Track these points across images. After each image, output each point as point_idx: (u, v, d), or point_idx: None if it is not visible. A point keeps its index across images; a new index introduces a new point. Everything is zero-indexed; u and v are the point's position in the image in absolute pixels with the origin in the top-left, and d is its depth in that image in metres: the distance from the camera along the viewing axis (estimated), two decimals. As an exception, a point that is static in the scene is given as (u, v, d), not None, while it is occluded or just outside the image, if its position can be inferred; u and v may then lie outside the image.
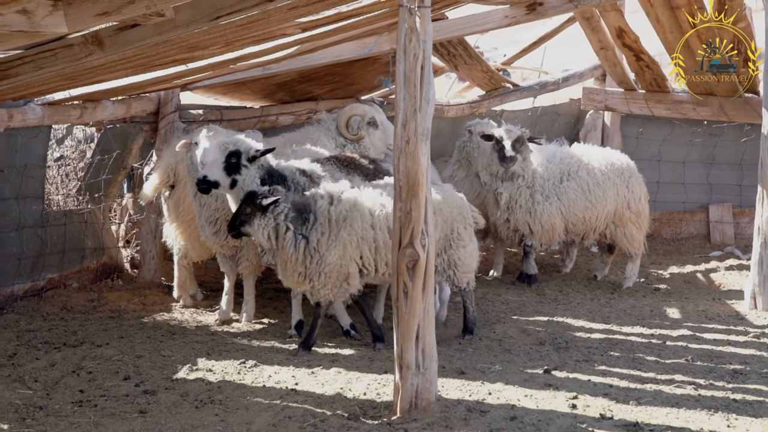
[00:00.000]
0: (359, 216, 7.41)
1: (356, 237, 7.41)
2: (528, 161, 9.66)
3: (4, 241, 8.40)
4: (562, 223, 9.83)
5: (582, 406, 6.15)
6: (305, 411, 6.14)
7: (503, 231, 9.95)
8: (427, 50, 5.80)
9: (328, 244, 7.37)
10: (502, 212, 9.78)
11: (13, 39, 5.37)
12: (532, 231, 9.77)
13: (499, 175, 9.70)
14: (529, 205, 9.71)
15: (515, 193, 9.69)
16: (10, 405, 6.18)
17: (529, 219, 9.74)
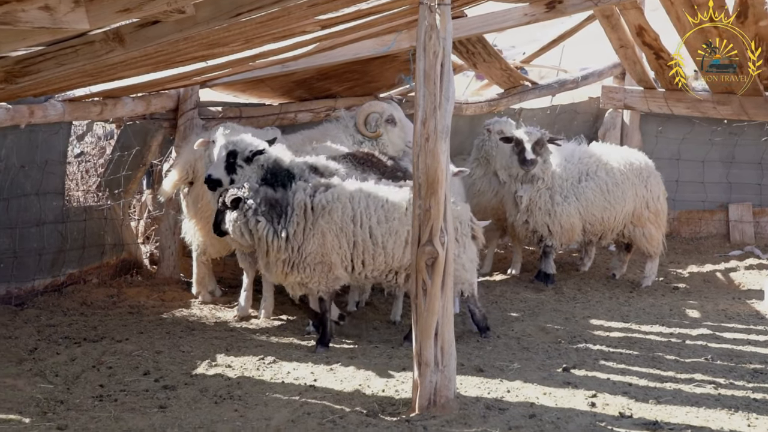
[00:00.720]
0: (340, 207, 7.45)
1: (335, 227, 7.43)
2: (548, 163, 9.56)
3: (25, 237, 8.45)
4: (580, 223, 9.75)
5: (601, 405, 6.14)
6: (324, 407, 6.16)
7: (522, 232, 9.88)
8: (447, 48, 5.80)
9: (306, 233, 7.44)
10: (521, 214, 9.69)
11: (35, 35, 5.40)
12: (551, 232, 9.69)
13: (519, 177, 9.59)
14: (549, 207, 9.62)
15: (535, 195, 9.59)
16: (32, 399, 6.22)
17: (548, 220, 9.65)
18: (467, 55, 10.94)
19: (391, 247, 7.49)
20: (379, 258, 7.52)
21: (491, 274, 10.51)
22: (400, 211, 7.50)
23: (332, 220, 7.44)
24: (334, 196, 7.50)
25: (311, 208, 7.47)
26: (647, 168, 10.11)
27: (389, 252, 7.49)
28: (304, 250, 7.47)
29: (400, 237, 7.47)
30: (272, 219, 7.48)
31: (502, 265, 10.78)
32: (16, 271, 8.41)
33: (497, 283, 10.13)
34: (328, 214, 7.45)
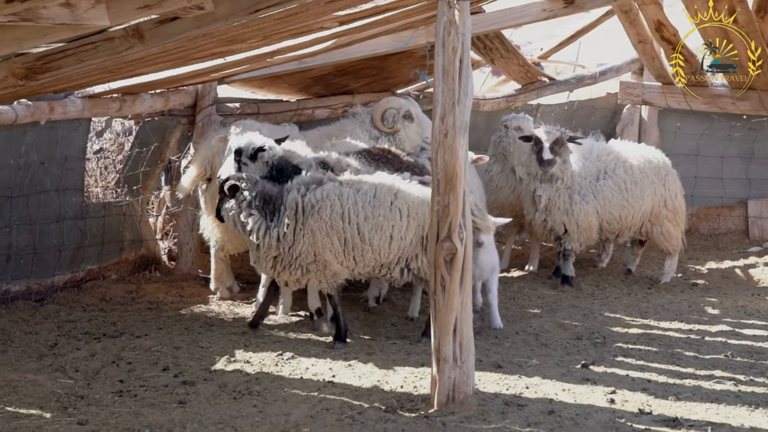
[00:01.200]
0: (329, 205, 7.42)
1: (325, 225, 7.41)
2: (568, 163, 9.40)
3: (44, 233, 8.50)
4: (598, 222, 9.63)
5: (620, 401, 6.13)
6: (343, 403, 6.17)
7: (539, 230, 9.78)
8: (466, 43, 5.79)
9: (296, 234, 7.43)
10: (540, 213, 9.56)
11: (56, 32, 5.42)
12: (567, 231, 9.55)
13: (538, 177, 9.45)
14: (567, 206, 9.48)
15: (554, 195, 9.45)
16: (52, 394, 6.26)
17: (566, 219, 9.51)
18: (485, 50, 10.93)
19: (377, 242, 7.44)
20: (367, 254, 7.48)
21: (509, 270, 10.49)
22: (384, 206, 7.45)
23: (321, 219, 7.42)
24: (323, 194, 7.47)
25: (302, 208, 7.46)
26: (665, 166, 10.04)
27: (375, 248, 7.45)
28: (295, 250, 7.46)
29: (385, 233, 7.42)
30: (266, 214, 7.49)
31: (520, 262, 10.77)
32: (35, 267, 8.46)
33: (515, 279, 10.12)
34: (317, 213, 7.42)
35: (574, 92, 12.95)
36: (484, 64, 12.15)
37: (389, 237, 7.43)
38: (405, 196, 7.48)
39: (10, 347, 7.27)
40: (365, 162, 8.29)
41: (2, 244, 8.16)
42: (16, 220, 8.24)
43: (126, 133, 10.62)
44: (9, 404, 6.04)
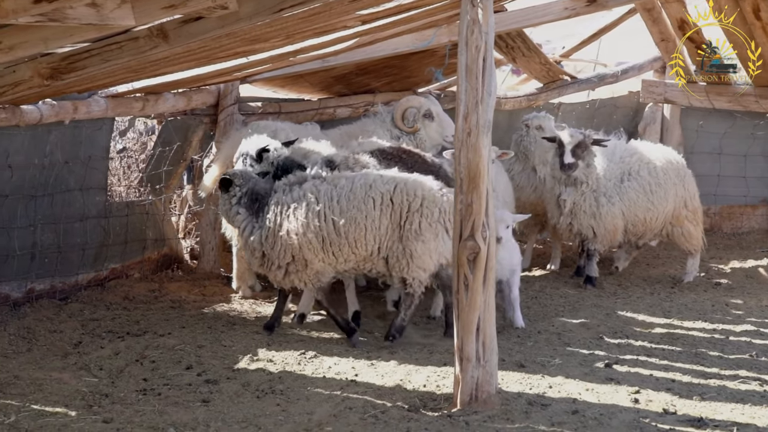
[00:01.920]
0: (304, 204, 7.44)
1: (302, 226, 7.43)
2: (592, 167, 9.27)
3: (68, 232, 8.55)
4: (623, 224, 9.52)
5: (644, 401, 6.10)
6: (365, 402, 6.17)
7: (565, 234, 9.71)
8: (489, 42, 5.78)
9: (276, 231, 7.47)
10: (565, 217, 9.45)
11: (81, 32, 5.45)
12: (595, 234, 9.44)
13: (562, 180, 9.36)
14: (594, 209, 9.36)
15: (579, 199, 9.34)
16: (77, 392, 6.30)
17: (593, 222, 9.39)
18: (507, 49, 10.91)
19: (353, 236, 7.42)
20: (345, 248, 7.47)
21: (530, 269, 10.46)
22: (357, 199, 7.42)
23: (297, 219, 7.44)
24: (300, 194, 7.49)
25: (281, 208, 7.51)
26: (683, 166, 9.99)
27: (351, 242, 7.44)
28: (275, 250, 7.51)
29: (359, 225, 7.39)
30: (253, 213, 7.58)
31: (542, 261, 10.74)
32: (60, 266, 8.51)
33: (537, 278, 10.10)
34: (293, 214, 7.46)
35: (596, 91, 12.89)
36: (505, 62, 12.12)
37: (363, 228, 7.41)
38: (379, 186, 7.44)
39: (35, 345, 7.32)
40: (379, 161, 8.28)
41: (27, 243, 8.21)
42: (41, 219, 8.29)
43: (149, 133, 10.67)
44: (35, 402, 6.08)
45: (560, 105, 12.28)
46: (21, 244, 8.15)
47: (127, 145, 10.39)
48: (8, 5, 4.39)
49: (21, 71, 6.50)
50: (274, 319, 7.92)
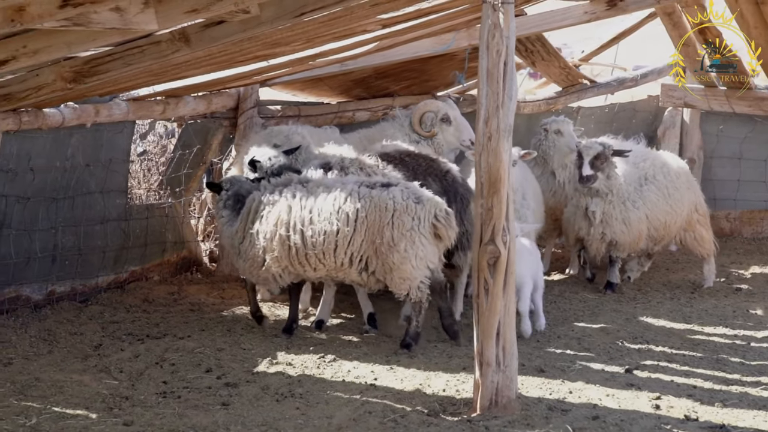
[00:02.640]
0: (273, 211, 7.52)
1: (269, 231, 7.51)
2: (613, 178, 9.09)
3: (89, 234, 8.59)
4: (647, 229, 9.41)
5: (665, 407, 6.07)
6: (385, 406, 6.17)
7: (595, 245, 9.36)
8: (510, 46, 5.78)
9: (245, 233, 7.66)
10: (597, 228, 9.23)
11: (105, 36, 5.49)
12: (626, 240, 9.28)
13: (584, 192, 9.17)
14: (624, 215, 9.21)
15: (608, 208, 9.17)
16: (98, 395, 6.32)
17: (624, 228, 9.24)
18: (526, 53, 10.89)
19: (321, 247, 7.40)
20: (312, 259, 7.47)
21: (549, 273, 10.42)
22: (327, 211, 7.40)
23: (267, 223, 7.52)
24: (275, 198, 7.56)
25: (254, 210, 7.62)
26: (689, 171, 9.98)
27: (319, 252, 7.42)
28: (243, 244, 7.69)
29: (329, 238, 7.36)
30: (236, 211, 7.79)
31: (561, 265, 10.70)
32: (80, 268, 8.55)
33: (555, 282, 10.06)
34: (266, 216, 7.54)
35: (615, 95, 12.85)
36: (525, 66, 12.11)
37: (333, 242, 7.37)
38: (349, 200, 7.38)
39: (56, 348, 7.36)
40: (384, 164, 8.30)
41: (48, 245, 8.26)
42: (62, 221, 8.34)
43: (169, 136, 10.71)
44: (56, 404, 6.12)
45: (579, 109, 12.25)
46: (42, 247, 8.21)
47: (147, 148, 10.43)
48: (34, 10, 4.43)
49: (44, 75, 6.54)
50: (291, 321, 7.93)
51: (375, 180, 7.63)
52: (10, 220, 7.89)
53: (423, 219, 7.34)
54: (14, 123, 7.27)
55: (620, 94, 12.91)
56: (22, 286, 8.10)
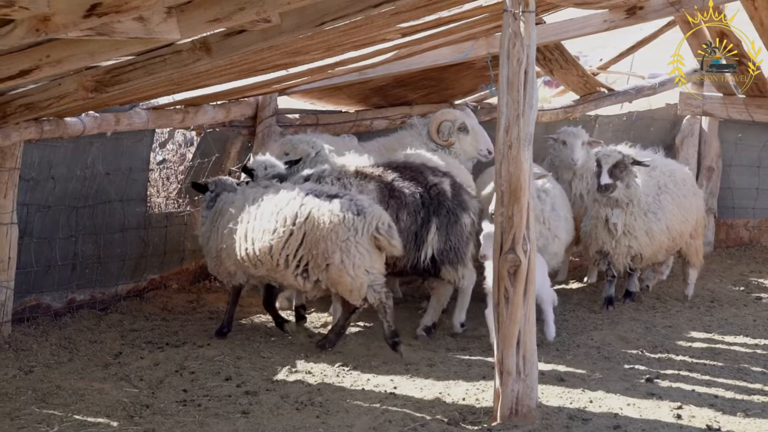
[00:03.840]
0: (229, 211, 7.83)
1: (224, 231, 7.79)
2: (632, 187, 8.89)
3: (108, 242, 8.63)
4: (667, 239, 9.24)
5: (687, 417, 6.05)
6: (405, 415, 6.17)
7: (620, 258, 9.08)
8: (531, 55, 5.78)
9: (210, 226, 8.04)
10: (620, 240, 8.99)
11: (128, 45, 5.52)
12: (650, 252, 9.12)
13: (604, 202, 8.95)
14: (647, 226, 9.02)
15: (629, 219, 8.96)
16: (118, 403, 6.34)
17: (648, 241, 9.06)
18: (544, 61, 10.87)
19: (259, 244, 7.56)
20: (251, 255, 7.64)
21: (567, 282, 10.40)
22: (269, 210, 7.58)
23: (223, 222, 7.85)
24: (232, 198, 7.94)
25: (218, 211, 8.02)
26: (693, 177, 9.93)
27: (257, 249, 7.58)
28: (208, 243, 8.01)
29: (265, 243, 7.52)
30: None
31: (579, 274, 10.67)
32: (100, 276, 8.58)
33: (574, 291, 10.03)
34: (220, 215, 7.91)
35: (633, 103, 12.80)
36: (543, 75, 12.10)
37: (269, 241, 7.52)
38: (285, 211, 7.54)
39: (76, 356, 7.39)
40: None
41: (68, 253, 8.29)
42: (82, 229, 8.38)
43: (188, 144, 10.75)
44: (77, 412, 6.14)
45: (597, 117, 12.21)
46: (62, 255, 8.24)
47: (166, 157, 10.47)
48: (59, 20, 4.46)
49: (66, 84, 6.58)
50: (227, 323, 8.14)
51: (324, 189, 7.72)
52: (31, 228, 7.93)
53: (361, 231, 7.38)
54: (36, 132, 7.31)
55: (638, 103, 12.86)
56: (43, 294, 8.13)
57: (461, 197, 8.24)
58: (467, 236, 8.16)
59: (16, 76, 5.71)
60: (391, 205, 7.99)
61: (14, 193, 7.51)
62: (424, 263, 8.07)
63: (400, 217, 7.97)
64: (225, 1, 5.23)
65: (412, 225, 8.03)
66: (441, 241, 8.03)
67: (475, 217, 8.23)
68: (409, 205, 8.04)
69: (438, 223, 8.00)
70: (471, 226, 8.18)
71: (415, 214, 8.03)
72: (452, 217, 8.09)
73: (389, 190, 8.11)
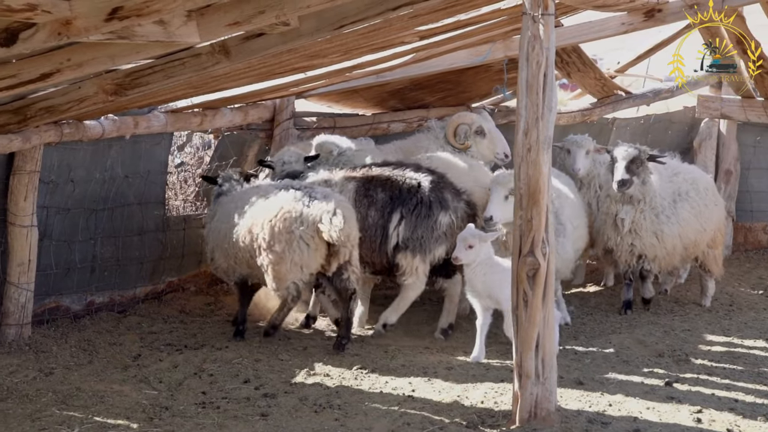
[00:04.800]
0: (221, 210, 8.16)
1: (219, 225, 8.06)
2: (648, 184, 8.83)
3: (127, 245, 8.65)
4: (681, 246, 9.12)
5: (707, 421, 6.03)
6: (423, 418, 6.17)
7: (625, 257, 9.05)
8: (550, 58, 5.77)
9: (208, 222, 8.44)
10: (625, 237, 8.94)
11: (148, 49, 5.54)
12: (657, 255, 9.00)
13: (617, 198, 8.91)
14: (656, 227, 8.92)
15: (638, 217, 8.87)
16: (138, 405, 6.37)
17: (655, 242, 8.94)
18: (562, 64, 10.84)
19: (229, 236, 7.84)
20: (228, 248, 7.91)
21: (585, 285, 10.37)
22: (242, 205, 7.89)
23: (219, 219, 8.08)
24: (226, 199, 8.21)
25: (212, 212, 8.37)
26: (714, 185, 9.85)
27: (228, 240, 7.84)
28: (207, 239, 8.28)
29: (233, 237, 7.81)
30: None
31: (596, 277, 10.63)
32: (118, 279, 8.61)
33: (591, 294, 10.01)
34: (217, 214, 8.17)
35: (651, 106, 12.75)
36: (560, 78, 12.07)
37: (234, 233, 7.83)
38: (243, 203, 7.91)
39: (95, 358, 7.42)
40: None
41: (87, 255, 8.33)
42: (101, 232, 8.41)
43: (205, 147, 10.78)
44: (97, 414, 6.17)
45: (614, 120, 12.16)
46: (81, 257, 8.28)
47: (184, 160, 10.50)
48: (81, 23, 4.48)
49: (86, 87, 6.61)
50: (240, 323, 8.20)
51: (288, 184, 7.96)
52: (50, 230, 7.97)
53: (306, 222, 7.52)
54: (56, 135, 7.36)
55: (655, 105, 12.81)
56: (62, 297, 8.17)
57: (442, 195, 8.11)
58: (440, 234, 8.03)
59: (37, 80, 5.74)
60: (363, 204, 8.09)
61: (34, 195, 7.56)
62: (392, 257, 8.05)
63: (369, 214, 8.07)
64: (245, 4, 5.24)
65: (380, 220, 8.08)
66: (408, 230, 7.99)
67: (456, 219, 8.10)
68: (377, 201, 8.10)
69: (404, 213, 8.00)
70: (448, 226, 8.05)
71: (382, 209, 8.08)
72: (424, 211, 8.01)
73: (365, 189, 8.17)
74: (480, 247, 7.46)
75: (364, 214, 8.01)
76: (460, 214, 8.14)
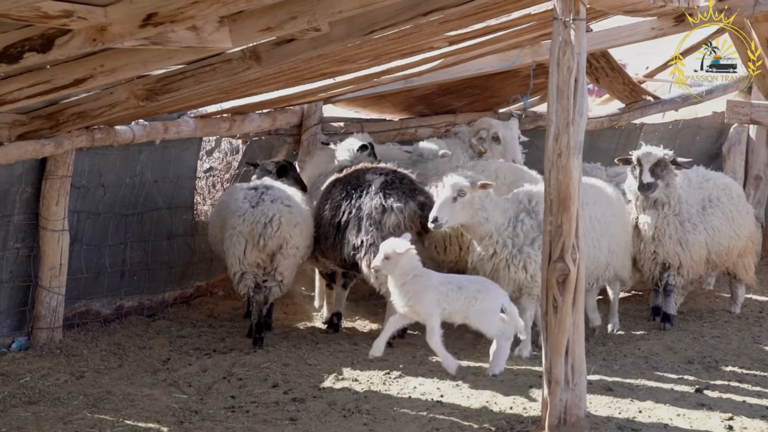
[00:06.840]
0: (221, 208, 8.33)
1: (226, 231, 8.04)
2: (672, 187, 8.58)
3: (156, 249, 8.71)
4: (707, 255, 8.93)
5: (739, 428, 5.99)
6: (452, 423, 6.16)
7: (647, 265, 8.85)
8: (581, 63, 5.76)
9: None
10: (647, 244, 8.76)
11: (180, 54, 5.58)
12: (681, 263, 8.77)
13: (640, 204, 8.73)
14: (680, 234, 8.71)
15: (662, 223, 8.68)
16: (168, 408, 6.40)
17: (680, 250, 8.73)
18: (590, 70, 10.80)
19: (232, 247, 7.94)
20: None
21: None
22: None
23: (220, 216, 8.24)
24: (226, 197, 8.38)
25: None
26: (744, 194, 9.76)
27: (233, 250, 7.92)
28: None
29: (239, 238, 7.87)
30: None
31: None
32: (148, 283, 8.67)
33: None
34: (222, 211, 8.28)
35: (679, 111, 12.67)
36: (588, 83, 12.01)
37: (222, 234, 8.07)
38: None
39: (125, 361, 7.46)
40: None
41: (117, 260, 8.40)
42: (130, 237, 8.47)
43: (233, 152, 10.83)
44: (128, 417, 6.21)
45: (642, 125, 12.11)
46: (111, 262, 8.34)
47: (213, 165, 10.56)
48: (115, 29, 4.52)
49: (118, 93, 6.67)
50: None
51: (258, 183, 8.27)
52: (81, 235, 8.03)
53: (248, 222, 7.79)
54: (87, 140, 7.41)
55: (684, 111, 12.73)
56: (92, 301, 8.24)
57: (391, 195, 7.95)
58: (386, 235, 7.68)
59: (71, 85, 5.79)
60: (325, 202, 8.24)
61: (66, 200, 7.63)
62: (349, 256, 8.01)
63: (325, 214, 8.19)
64: (277, 10, 5.27)
65: (333, 218, 8.10)
66: (356, 229, 7.93)
67: (404, 219, 7.89)
68: (333, 200, 8.15)
69: (353, 212, 7.99)
70: (395, 226, 7.83)
71: (336, 209, 8.09)
72: (374, 213, 7.89)
73: (331, 186, 8.28)
74: (397, 259, 7.06)
75: (324, 213, 8.20)
76: (408, 214, 7.93)
